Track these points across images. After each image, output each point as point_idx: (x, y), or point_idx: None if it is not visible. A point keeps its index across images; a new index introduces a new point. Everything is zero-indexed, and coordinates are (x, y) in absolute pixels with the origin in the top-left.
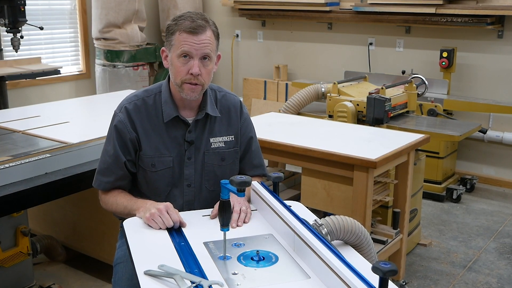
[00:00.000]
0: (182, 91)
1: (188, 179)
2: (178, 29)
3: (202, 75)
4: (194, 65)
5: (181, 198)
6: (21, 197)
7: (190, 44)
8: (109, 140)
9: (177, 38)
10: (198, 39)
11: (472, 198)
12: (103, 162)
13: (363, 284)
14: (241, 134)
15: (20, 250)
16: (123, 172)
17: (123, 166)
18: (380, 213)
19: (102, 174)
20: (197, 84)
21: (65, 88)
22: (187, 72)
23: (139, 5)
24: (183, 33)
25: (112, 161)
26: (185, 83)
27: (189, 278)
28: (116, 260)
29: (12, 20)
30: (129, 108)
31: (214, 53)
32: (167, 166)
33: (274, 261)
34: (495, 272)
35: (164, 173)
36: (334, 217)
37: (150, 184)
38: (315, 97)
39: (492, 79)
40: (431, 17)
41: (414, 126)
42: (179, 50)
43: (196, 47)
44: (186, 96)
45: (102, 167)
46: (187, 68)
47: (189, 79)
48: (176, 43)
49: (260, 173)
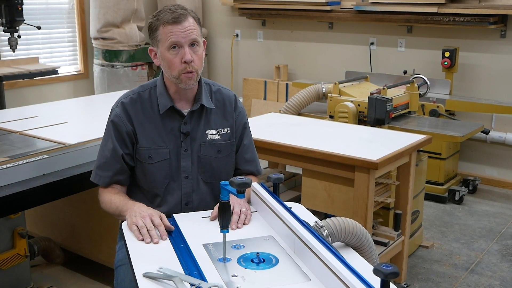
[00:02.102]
0: (180, 82)
1: (186, 171)
2: (161, 23)
3: (194, 61)
4: (186, 52)
5: (179, 190)
6: (19, 199)
7: (176, 34)
8: (107, 135)
9: (161, 32)
10: (183, 27)
11: (474, 199)
12: (102, 157)
13: (365, 286)
14: (236, 126)
15: (17, 252)
16: (120, 166)
17: (121, 160)
18: (382, 215)
19: (100, 169)
20: (192, 71)
21: (63, 88)
22: (181, 62)
23: (138, 5)
24: (167, 25)
25: (110, 155)
26: (182, 74)
27: (189, 281)
28: (117, 263)
29: (10, 19)
30: (125, 102)
31: (200, 38)
32: (164, 158)
33: (274, 263)
34: (498, 275)
35: (161, 165)
36: (335, 218)
37: (148, 177)
38: (316, 98)
39: (495, 79)
40: (433, 16)
41: (416, 127)
42: (168, 43)
43: (183, 35)
44: (185, 86)
45: (101, 162)
46: (179, 58)
47: (184, 68)
48: (163, 37)
49: (252, 169)
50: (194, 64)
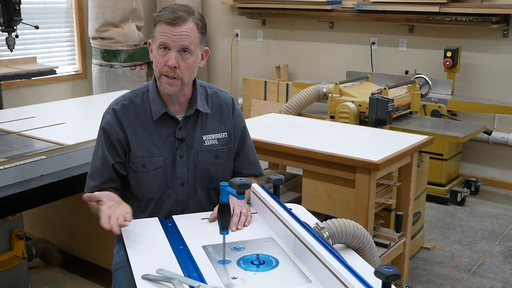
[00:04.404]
0: (160, 84)
1: (181, 178)
2: (159, 20)
3: (180, 68)
4: (171, 57)
5: (174, 198)
6: (16, 200)
7: (167, 35)
8: (98, 143)
9: (157, 29)
10: (176, 31)
11: (476, 200)
12: (93, 166)
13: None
14: (235, 130)
15: (15, 254)
16: (109, 175)
17: (110, 169)
18: (383, 216)
19: (90, 178)
20: (175, 78)
21: (61, 89)
22: (165, 64)
23: (137, 4)
24: (163, 24)
25: (100, 164)
26: (163, 75)
27: (188, 283)
28: (114, 266)
29: (7, 19)
30: (116, 109)
31: (195, 46)
32: (158, 165)
33: (275, 265)
34: (500, 277)
35: (156, 173)
36: (336, 220)
37: (142, 186)
38: (317, 98)
39: (497, 79)
40: (434, 16)
41: (418, 127)
42: (158, 42)
43: (173, 38)
44: (164, 89)
45: (92, 171)
46: (165, 60)
47: (166, 71)
48: (156, 34)
49: (255, 172)
50: (178, 71)
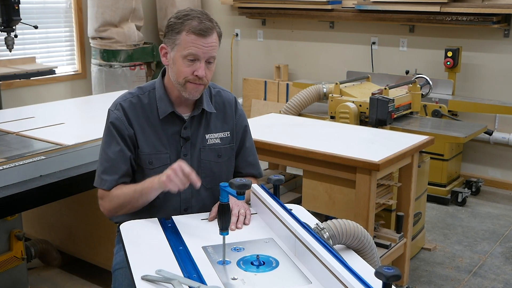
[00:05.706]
0: (184, 90)
1: None
2: (186, 29)
3: (206, 76)
4: (201, 67)
5: (178, 196)
6: (15, 200)
7: (198, 47)
8: (110, 138)
9: (184, 38)
10: (206, 42)
11: (477, 201)
12: (106, 161)
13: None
14: (237, 130)
15: (14, 254)
16: (127, 168)
17: (128, 162)
18: (383, 217)
19: (106, 173)
20: (201, 84)
21: (60, 89)
22: (192, 73)
23: (136, 4)
24: (191, 34)
25: (117, 157)
26: (189, 82)
27: (188, 284)
28: (114, 266)
29: (6, 18)
30: (124, 106)
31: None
32: (164, 163)
33: (275, 265)
34: (501, 277)
35: (162, 170)
36: (336, 220)
37: None
38: (317, 98)
39: (498, 79)
40: (435, 15)
41: (418, 128)
42: (186, 52)
43: (204, 50)
44: (189, 95)
45: (106, 166)
46: (191, 70)
47: (193, 79)
48: (183, 43)
49: (254, 172)
50: (205, 79)
